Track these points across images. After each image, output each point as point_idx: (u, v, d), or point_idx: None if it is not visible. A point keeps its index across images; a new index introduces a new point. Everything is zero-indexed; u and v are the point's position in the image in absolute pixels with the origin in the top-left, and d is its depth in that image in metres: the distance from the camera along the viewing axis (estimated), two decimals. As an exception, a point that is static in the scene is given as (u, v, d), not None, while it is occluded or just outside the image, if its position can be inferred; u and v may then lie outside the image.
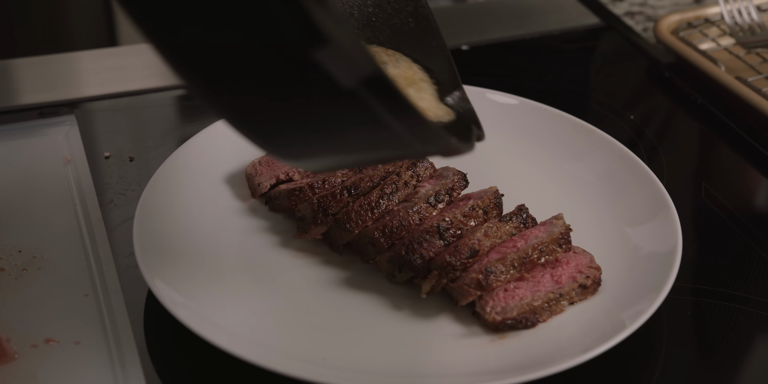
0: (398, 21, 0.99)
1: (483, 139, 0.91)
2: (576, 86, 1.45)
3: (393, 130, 0.71)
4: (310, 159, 0.80)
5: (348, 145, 0.77)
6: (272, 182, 1.12)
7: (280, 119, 0.73)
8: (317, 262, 1.06)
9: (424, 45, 0.99)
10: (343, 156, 0.80)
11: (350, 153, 0.79)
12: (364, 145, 0.77)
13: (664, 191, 1.10)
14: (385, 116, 0.70)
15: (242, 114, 0.74)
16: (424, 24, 0.99)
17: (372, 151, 0.79)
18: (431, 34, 0.99)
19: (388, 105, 0.69)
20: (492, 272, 0.96)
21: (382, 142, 0.75)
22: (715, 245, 1.15)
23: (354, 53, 0.66)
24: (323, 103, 0.70)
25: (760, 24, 1.44)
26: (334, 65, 0.66)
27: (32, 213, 1.12)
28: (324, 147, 0.77)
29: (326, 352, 0.94)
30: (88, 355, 0.94)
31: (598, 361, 0.91)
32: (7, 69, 1.41)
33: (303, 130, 0.74)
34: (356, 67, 0.66)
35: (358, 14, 0.99)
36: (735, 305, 1.05)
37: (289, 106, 0.71)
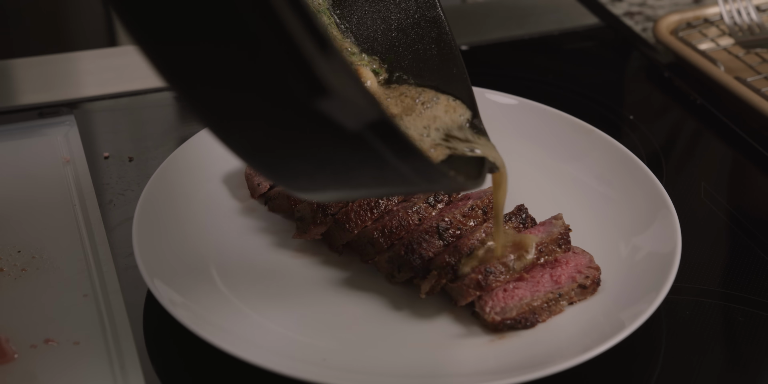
0: (421, 47, 1.00)
1: (497, 170, 0.92)
2: (575, 86, 1.45)
3: (398, 170, 0.73)
4: (318, 192, 0.81)
5: (354, 181, 0.78)
6: (271, 182, 1.12)
7: (286, 156, 0.75)
8: (316, 262, 1.06)
9: (444, 72, 0.99)
10: (349, 191, 0.82)
11: (357, 188, 0.80)
12: (371, 182, 0.78)
13: (663, 191, 1.10)
14: (390, 158, 0.71)
15: (250, 149, 0.75)
16: (446, 50, 1.00)
17: (379, 188, 0.80)
18: (452, 61, 1.00)
19: (393, 148, 0.71)
20: (491, 272, 0.96)
21: (388, 181, 0.77)
22: (715, 245, 1.15)
23: (358, 98, 0.67)
24: (329, 144, 0.72)
25: (760, 24, 1.44)
26: (338, 110, 0.67)
27: (31, 213, 1.12)
28: (330, 182, 0.79)
29: (325, 353, 0.94)
30: (87, 356, 0.94)
31: (598, 361, 0.91)
32: (7, 69, 1.41)
33: (309, 166, 0.75)
34: (360, 111, 0.68)
35: (382, 39, 1.00)
36: (734, 305, 1.05)
37: (296, 145, 0.73)
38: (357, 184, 0.79)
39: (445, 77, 0.99)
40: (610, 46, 1.58)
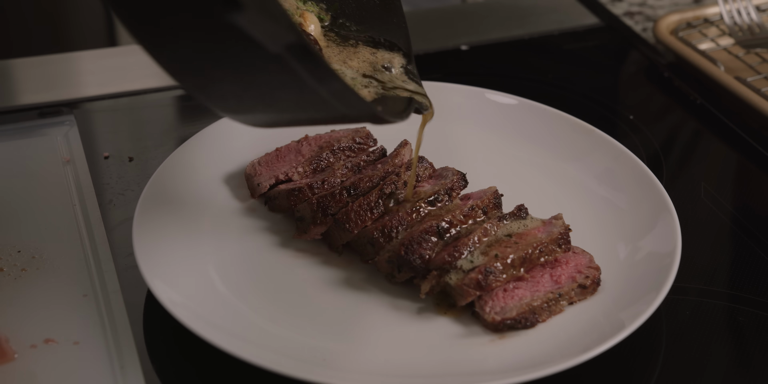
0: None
1: (428, 111, 0.99)
2: (575, 86, 1.45)
3: (317, 93, 0.78)
4: (246, 114, 0.86)
5: (278, 104, 0.83)
6: (272, 182, 1.12)
7: (214, 76, 0.80)
8: (316, 262, 1.06)
9: (385, 20, 1.06)
10: (276, 114, 0.87)
11: (282, 111, 0.86)
12: (293, 106, 0.84)
13: (663, 191, 1.10)
14: (308, 80, 0.76)
15: (181, 67, 0.80)
16: (388, 1, 1.07)
17: (301, 111, 0.85)
18: (393, 11, 1.07)
19: (310, 70, 0.76)
20: (491, 272, 0.96)
21: (309, 104, 0.82)
22: (715, 245, 1.15)
23: (275, 20, 0.72)
24: (252, 64, 0.76)
25: (759, 24, 1.44)
26: (255, 29, 0.72)
27: (31, 213, 1.12)
28: (256, 104, 0.84)
29: (325, 352, 0.94)
30: (87, 355, 0.94)
31: (598, 361, 0.91)
32: (7, 69, 1.41)
33: (236, 86, 0.80)
34: (278, 32, 0.73)
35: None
36: (734, 305, 1.05)
37: (221, 64, 0.77)
38: (281, 107, 0.85)
39: (386, 26, 1.06)
40: (610, 46, 1.58)
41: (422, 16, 1.64)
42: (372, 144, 1.17)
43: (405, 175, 1.08)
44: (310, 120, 0.90)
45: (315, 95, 0.78)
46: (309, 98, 0.80)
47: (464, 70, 1.49)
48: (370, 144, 1.17)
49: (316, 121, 0.90)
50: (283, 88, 0.79)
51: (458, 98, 1.28)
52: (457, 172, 1.09)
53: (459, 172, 1.09)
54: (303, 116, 0.88)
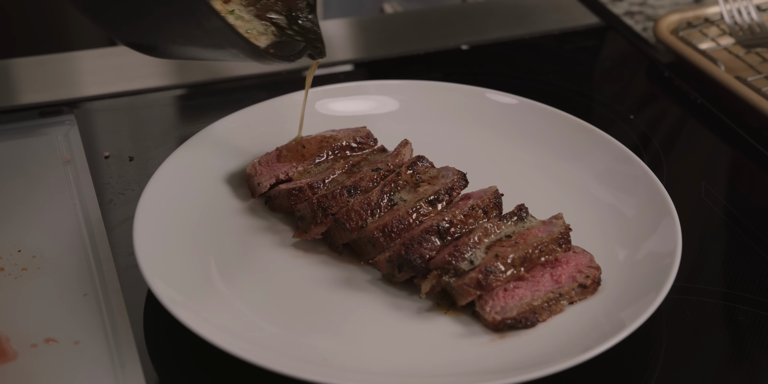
0: None
1: (323, 56, 1.04)
2: (576, 86, 1.45)
3: (202, 28, 0.87)
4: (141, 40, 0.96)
5: (170, 35, 0.93)
6: (272, 182, 1.12)
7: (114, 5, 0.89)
8: (317, 261, 1.06)
9: None
10: (170, 46, 0.96)
11: (174, 44, 0.95)
12: (182, 39, 0.93)
13: (663, 191, 1.10)
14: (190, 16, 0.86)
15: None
16: None
17: (191, 46, 0.94)
18: None
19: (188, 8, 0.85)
20: (491, 272, 0.96)
21: (195, 38, 0.91)
22: (715, 245, 1.15)
23: None
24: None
25: (760, 23, 1.44)
26: None
27: (32, 213, 1.12)
28: (152, 35, 0.94)
29: (326, 352, 0.94)
30: (87, 355, 0.94)
31: (598, 360, 0.91)
32: (7, 69, 1.41)
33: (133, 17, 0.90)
34: None
35: None
36: (735, 305, 1.05)
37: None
38: (173, 40, 0.94)
39: None
40: (611, 46, 1.58)
41: (423, 16, 1.64)
42: (372, 143, 1.17)
43: (405, 174, 1.08)
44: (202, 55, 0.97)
45: (200, 30, 0.88)
46: (195, 33, 0.89)
47: (465, 69, 1.49)
48: (371, 143, 1.17)
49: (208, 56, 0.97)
50: (171, 19, 0.89)
51: (459, 98, 1.28)
52: (458, 171, 1.09)
53: (459, 172, 1.09)
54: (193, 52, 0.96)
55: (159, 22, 0.90)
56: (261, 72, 1.43)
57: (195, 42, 0.93)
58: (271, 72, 1.43)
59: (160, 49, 0.98)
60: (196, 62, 1.47)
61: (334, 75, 1.43)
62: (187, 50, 0.96)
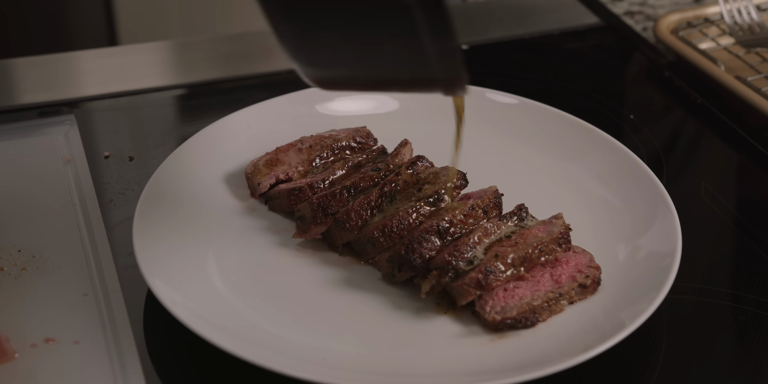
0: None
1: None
2: (576, 86, 1.45)
3: (425, 49, 0.76)
4: (328, 68, 0.84)
5: (374, 58, 0.81)
6: (272, 182, 1.12)
7: (322, 21, 0.77)
8: (317, 261, 1.06)
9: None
10: (362, 70, 0.85)
11: (371, 67, 0.84)
12: (388, 61, 0.82)
13: (663, 191, 1.10)
14: (424, 33, 0.74)
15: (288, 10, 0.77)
16: None
17: (391, 69, 0.84)
18: None
19: (433, 23, 0.74)
20: (491, 272, 0.96)
21: (407, 61, 0.80)
22: (715, 245, 1.15)
23: None
24: (372, 10, 0.74)
25: (760, 23, 1.44)
26: None
27: (32, 213, 1.12)
28: (350, 57, 0.82)
29: (326, 352, 0.94)
30: (87, 355, 0.94)
31: (598, 360, 0.91)
32: (7, 68, 1.41)
33: (340, 34, 0.78)
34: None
35: None
36: (735, 305, 1.05)
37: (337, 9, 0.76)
38: (374, 62, 0.82)
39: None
40: (611, 46, 1.58)
41: (422, 16, 1.64)
42: (372, 143, 1.17)
43: (405, 173, 1.08)
44: (390, 82, 0.89)
45: (421, 51, 0.77)
46: (412, 54, 0.78)
47: (464, 69, 1.48)
48: (371, 143, 1.17)
49: (394, 84, 0.89)
50: (391, 40, 0.77)
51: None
52: (458, 171, 1.09)
53: (459, 172, 1.09)
54: (388, 75, 0.86)
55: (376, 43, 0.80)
56: (261, 72, 1.43)
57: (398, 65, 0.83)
58: (270, 72, 1.43)
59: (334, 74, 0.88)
60: (197, 62, 1.47)
61: (334, 75, 1.43)
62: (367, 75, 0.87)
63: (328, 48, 0.81)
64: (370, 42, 0.79)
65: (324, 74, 0.87)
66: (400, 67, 0.83)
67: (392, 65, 0.83)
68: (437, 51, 0.77)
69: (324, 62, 0.84)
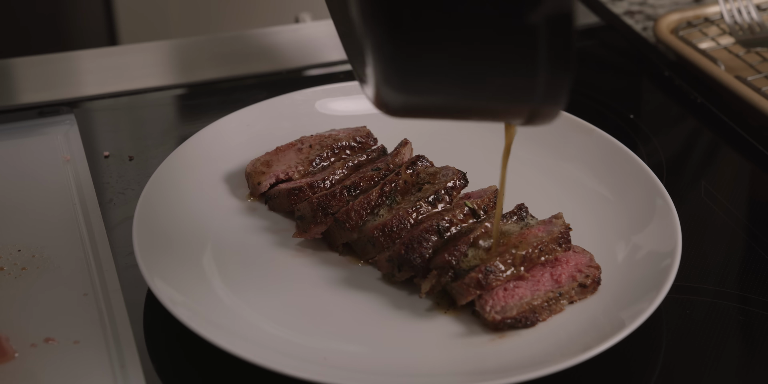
0: None
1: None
2: (575, 85, 1.44)
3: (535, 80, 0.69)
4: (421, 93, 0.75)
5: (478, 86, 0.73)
6: (272, 181, 1.12)
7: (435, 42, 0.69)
8: (316, 261, 1.06)
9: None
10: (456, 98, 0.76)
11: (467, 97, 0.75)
12: (489, 91, 0.73)
13: (663, 190, 1.10)
14: (542, 63, 0.67)
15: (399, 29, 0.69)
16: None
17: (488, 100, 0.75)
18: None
19: (557, 50, 0.66)
20: (491, 271, 0.96)
21: (508, 93, 0.72)
22: (715, 244, 1.15)
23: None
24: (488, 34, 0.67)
25: (760, 23, 1.44)
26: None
27: (32, 212, 1.12)
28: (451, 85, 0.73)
29: (326, 352, 0.94)
30: (87, 355, 0.94)
31: (598, 360, 0.91)
32: (7, 68, 1.41)
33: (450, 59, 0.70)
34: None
35: None
36: (735, 304, 1.05)
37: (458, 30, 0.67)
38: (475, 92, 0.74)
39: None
40: (611, 45, 1.58)
41: (422, 16, 1.64)
42: (372, 143, 1.17)
43: (405, 173, 1.08)
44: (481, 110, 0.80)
45: (530, 82, 0.69)
46: (518, 84, 0.70)
47: (464, 69, 1.48)
48: (371, 143, 1.17)
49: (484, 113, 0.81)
50: (504, 68, 0.69)
51: (458, 97, 1.28)
52: (458, 171, 1.09)
53: (459, 171, 1.09)
54: (483, 104, 0.78)
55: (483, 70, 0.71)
56: (260, 72, 1.43)
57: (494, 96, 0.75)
58: (270, 72, 1.43)
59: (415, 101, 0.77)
60: (197, 61, 1.47)
61: (334, 74, 1.43)
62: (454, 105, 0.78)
63: (428, 74, 0.72)
64: (479, 69, 0.70)
65: (410, 101, 0.77)
66: (500, 97, 0.75)
67: (494, 94, 0.74)
68: (551, 82, 0.70)
69: (418, 88, 0.74)
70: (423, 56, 0.71)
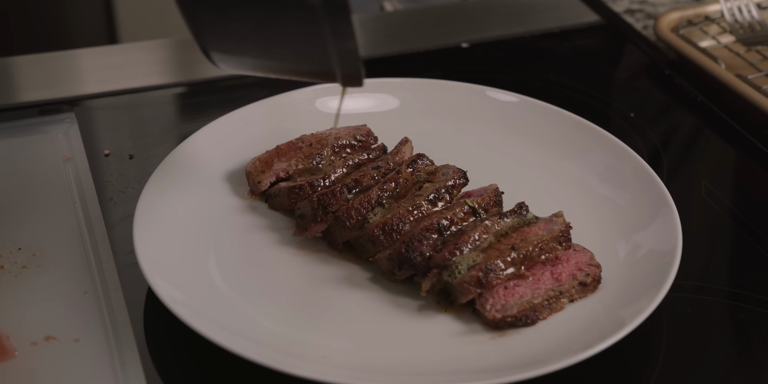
0: None
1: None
2: (576, 84, 1.45)
3: (326, 50, 0.83)
4: (233, 56, 0.90)
5: (278, 50, 0.88)
6: (272, 180, 1.12)
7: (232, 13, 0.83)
8: (316, 259, 1.06)
9: None
10: (265, 60, 0.91)
11: (273, 59, 0.90)
12: (290, 55, 0.88)
13: (664, 189, 1.10)
14: (329, 36, 0.81)
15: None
16: None
17: (293, 62, 0.90)
18: None
19: (336, 27, 0.80)
20: (492, 270, 0.96)
21: (307, 57, 0.87)
22: (716, 243, 1.15)
23: None
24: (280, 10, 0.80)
25: (760, 21, 1.44)
26: None
27: (32, 211, 1.12)
28: (255, 47, 0.88)
29: (326, 350, 0.94)
30: (87, 353, 0.94)
31: (598, 358, 0.91)
32: (7, 66, 1.41)
33: (246, 27, 0.84)
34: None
35: None
36: (735, 303, 1.05)
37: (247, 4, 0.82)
38: (276, 55, 0.89)
39: None
40: (611, 44, 1.58)
41: (423, 14, 1.64)
42: (373, 141, 1.17)
43: (405, 172, 1.08)
44: (291, 72, 0.93)
45: (322, 50, 0.83)
46: (314, 52, 0.84)
47: (465, 67, 1.49)
48: (371, 141, 1.17)
49: (295, 73, 0.93)
50: (295, 37, 0.83)
51: (459, 96, 1.28)
52: (458, 169, 1.09)
53: (460, 170, 1.09)
54: (290, 67, 0.92)
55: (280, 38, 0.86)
56: (261, 70, 1.43)
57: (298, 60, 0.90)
58: (271, 70, 1.43)
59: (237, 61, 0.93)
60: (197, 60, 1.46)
61: (335, 73, 1.43)
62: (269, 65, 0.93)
63: (234, 37, 0.86)
64: (276, 36, 0.84)
65: (224, 61, 0.91)
66: (302, 60, 0.89)
67: (295, 57, 0.88)
68: (338, 50, 0.83)
69: (228, 49, 0.89)
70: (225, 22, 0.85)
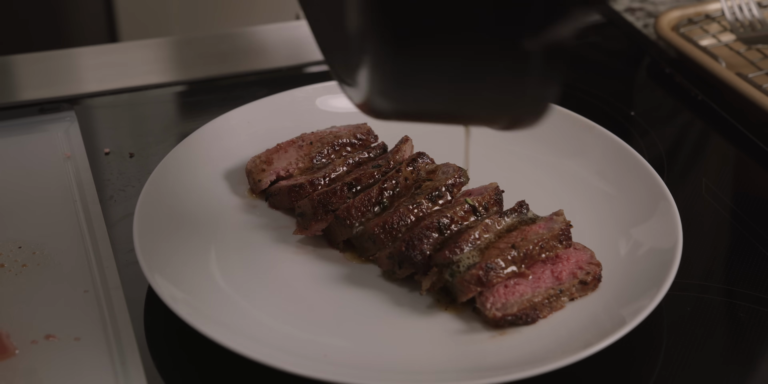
0: None
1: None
2: (576, 82, 1.45)
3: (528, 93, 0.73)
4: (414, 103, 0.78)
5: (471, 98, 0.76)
6: (272, 178, 1.12)
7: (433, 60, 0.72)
8: (317, 258, 1.06)
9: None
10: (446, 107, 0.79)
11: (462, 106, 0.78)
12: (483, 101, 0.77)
13: (664, 187, 1.10)
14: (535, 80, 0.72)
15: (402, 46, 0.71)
16: None
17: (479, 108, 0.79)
18: None
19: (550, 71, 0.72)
20: (492, 268, 0.96)
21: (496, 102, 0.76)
22: (716, 241, 1.15)
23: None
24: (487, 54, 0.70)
25: (761, 20, 1.44)
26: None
27: (32, 209, 1.12)
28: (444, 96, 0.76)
29: (326, 349, 0.94)
30: (88, 351, 0.94)
31: (599, 357, 0.91)
32: (7, 65, 1.41)
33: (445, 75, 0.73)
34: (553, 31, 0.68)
35: None
36: (735, 301, 1.05)
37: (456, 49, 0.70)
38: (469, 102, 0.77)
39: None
40: (611, 43, 1.58)
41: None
42: (373, 140, 1.17)
43: (405, 170, 1.08)
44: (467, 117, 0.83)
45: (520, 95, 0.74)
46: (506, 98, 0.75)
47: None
48: (371, 140, 1.17)
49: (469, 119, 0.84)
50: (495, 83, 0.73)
51: (459, 94, 1.28)
52: (458, 168, 1.09)
53: (460, 168, 1.09)
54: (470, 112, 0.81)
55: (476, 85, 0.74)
56: (261, 69, 1.43)
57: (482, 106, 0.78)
58: (271, 69, 1.43)
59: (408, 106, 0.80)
60: (197, 58, 1.46)
61: (335, 71, 1.43)
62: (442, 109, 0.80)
63: (423, 87, 0.75)
64: (473, 84, 0.74)
65: (400, 109, 0.80)
66: (490, 107, 0.78)
67: (484, 105, 0.78)
68: (540, 96, 0.74)
69: (411, 99, 0.77)
70: (421, 72, 0.73)
